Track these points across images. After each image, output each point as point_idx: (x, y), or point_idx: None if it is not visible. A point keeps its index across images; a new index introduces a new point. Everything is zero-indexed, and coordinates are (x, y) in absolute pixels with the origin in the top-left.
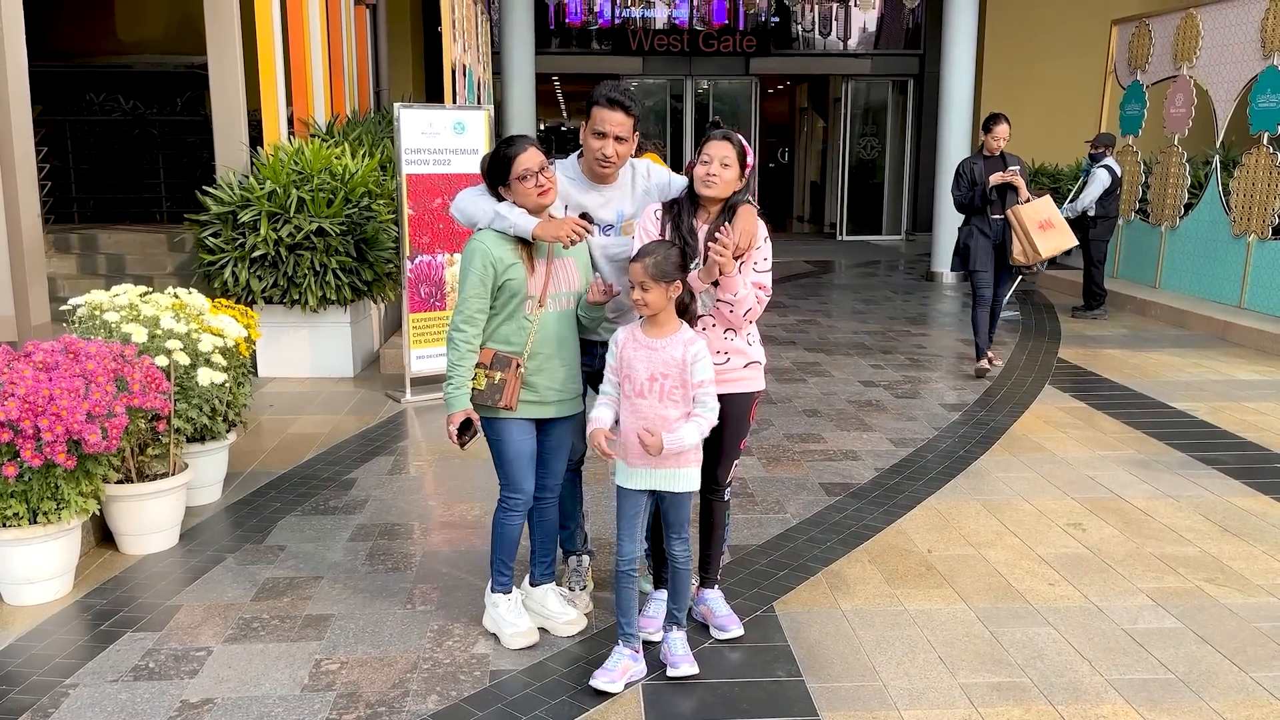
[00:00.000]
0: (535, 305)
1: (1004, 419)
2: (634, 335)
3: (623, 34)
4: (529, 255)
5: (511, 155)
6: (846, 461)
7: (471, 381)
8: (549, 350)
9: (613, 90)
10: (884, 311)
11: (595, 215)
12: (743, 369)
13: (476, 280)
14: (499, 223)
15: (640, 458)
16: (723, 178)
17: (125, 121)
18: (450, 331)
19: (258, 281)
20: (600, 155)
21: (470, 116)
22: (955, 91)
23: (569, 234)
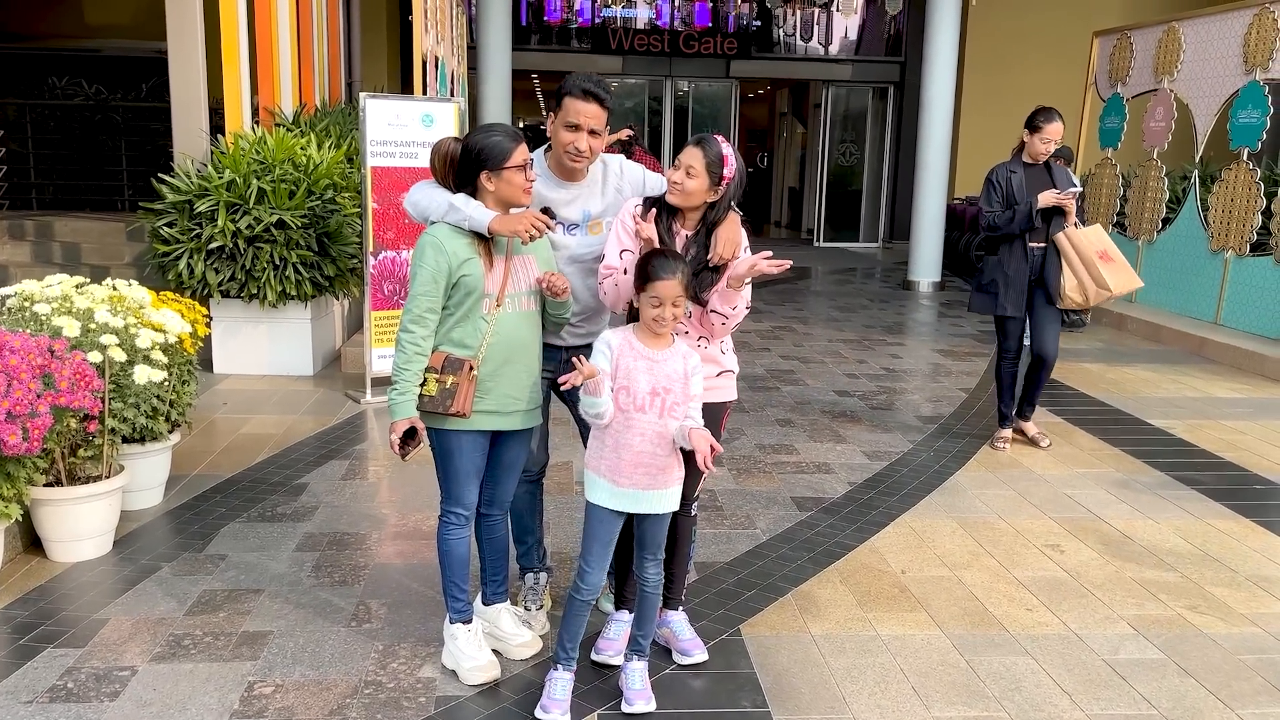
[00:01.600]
0: (493, 305)
1: (980, 433)
2: (631, 344)
3: (603, 33)
4: (486, 251)
5: (510, 146)
6: (819, 474)
7: (420, 387)
8: (506, 354)
9: (586, 80)
10: (860, 319)
11: (559, 213)
12: (715, 378)
13: (428, 277)
14: (453, 215)
15: (632, 475)
16: (685, 187)
17: (88, 107)
18: (399, 333)
19: (214, 275)
20: (573, 149)
21: (439, 109)
22: (936, 100)
23: (527, 228)
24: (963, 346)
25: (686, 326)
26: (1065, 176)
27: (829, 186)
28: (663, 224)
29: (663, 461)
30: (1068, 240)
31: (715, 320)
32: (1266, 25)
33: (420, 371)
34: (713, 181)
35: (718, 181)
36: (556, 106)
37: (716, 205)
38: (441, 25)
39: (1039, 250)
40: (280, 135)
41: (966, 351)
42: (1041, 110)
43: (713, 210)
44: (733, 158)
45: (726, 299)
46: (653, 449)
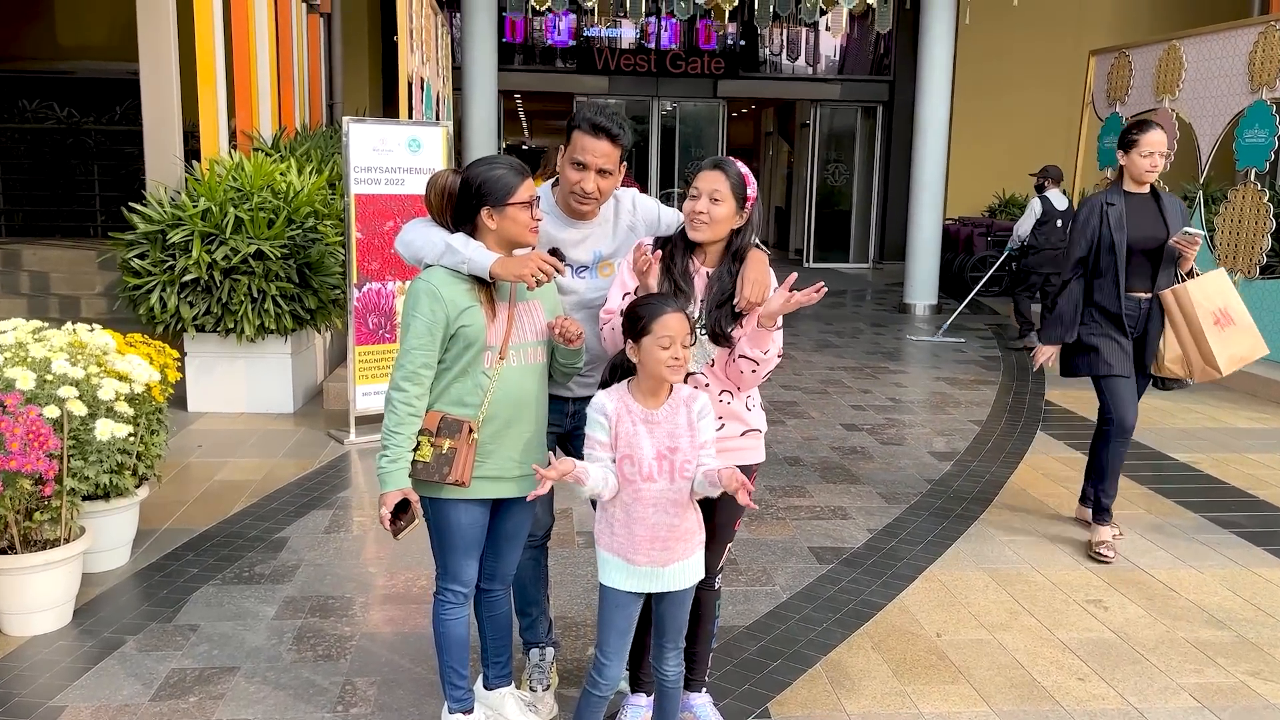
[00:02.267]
0: (495, 358)
1: (999, 471)
2: (628, 407)
3: (588, 52)
4: (488, 298)
5: (515, 180)
6: (836, 520)
7: (414, 452)
8: (510, 413)
9: (597, 114)
10: (859, 345)
11: (567, 254)
12: (739, 438)
13: (423, 328)
14: (450, 257)
15: (648, 551)
16: (713, 215)
17: (59, 130)
18: (389, 391)
19: (188, 308)
20: (579, 191)
21: (426, 133)
22: (930, 118)
23: (534, 272)
24: (968, 374)
25: (708, 378)
26: (1177, 210)
27: (817, 206)
28: (677, 264)
29: (681, 530)
30: (1174, 300)
31: (744, 367)
32: (1273, 43)
33: (413, 435)
34: (738, 205)
35: (743, 204)
36: (565, 140)
37: (742, 231)
38: (427, 46)
39: (1145, 301)
40: (259, 161)
41: (972, 380)
42: (1136, 122)
43: (738, 237)
44: (750, 176)
45: (757, 341)
46: (669, 519)
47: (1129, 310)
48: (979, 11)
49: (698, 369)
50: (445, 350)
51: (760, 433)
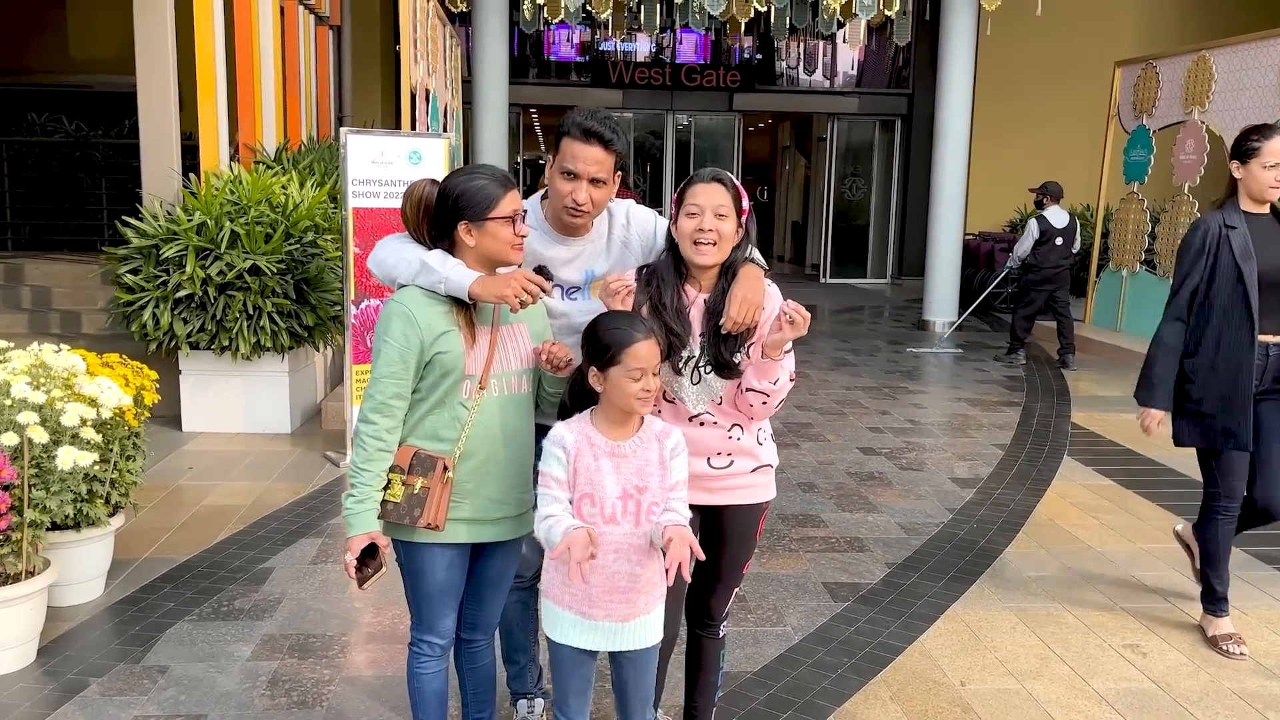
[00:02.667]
0: (474, 388)
1: (1025, 499)
2: (590, 440)
3: (602, 65)
4: (467, 321)
5: (497, 192)
6: (852, 553)
7: (384, 491)
8: (491, 448)
9: (589, 118)
10: (877, 364)
11: (556, 273)
12: (750, 474)
13: (395, 355)
14: (426, 277)
15: (606, 604)
16: (722, 234)
17: (66, 144)
18: (358, 423)
19: (182, 325)
20: (570, 203)
21: (427, 145)
22: (951, 131)
23: (518, 293)
24: (990, 395)
25: (715, 415)
26: None
27: (834, 221)
28: (667, 301)
29: (644, 581)
30: None
31: (753, 400)
32: None
33: (383, 472)
34: (737, 219)
35: (739, 219)
36: (554, 149)
37: (739, 247)
38: (433, 57)
39: (1274, 348)
40: (258, 173)
41: (995, 400)
42: (1254, 128)
43: (735, 252)
44: (742, 189)
45: (763, 371)
46: (630, 568)
47: (1257, 359)
48: (1000, 22)
49: (702, 409)
50: (420, 379)
51: (772, 468)
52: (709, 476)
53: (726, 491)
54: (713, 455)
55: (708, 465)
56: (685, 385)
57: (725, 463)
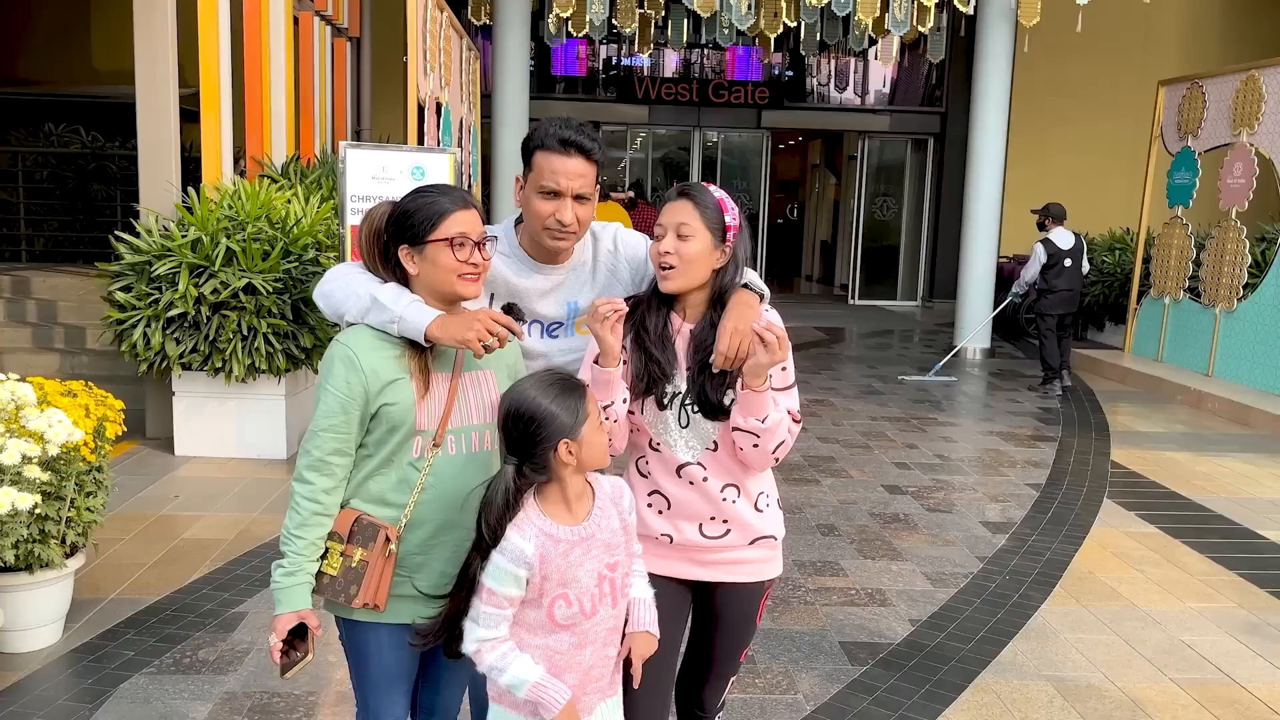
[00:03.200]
0: (427, 445)
1: (1061, 548)
2: (550, 537)
3: (629, 81)
4: (421, 367)
5: (441, 210)
6: (873, 607)
7: (320, 562)
8: (445, 515)
9: (565, 127)
10: (905, 393)
11: (532, 308)
12: (747, 547)
13: (335, 405)
14: (377, 315)
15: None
16: (683, 255)
17: (82, 155)
18: (292, 483)
19: (174, 345)
20: (554, 224)
21: (431, 160)
22: (985, 152)
23: (481, 336)
24: (1024, 428)
25: (708, 468)
26: None
27: (864, 241)
28: (651, 327)
29: (615, 660)
30: None
31: (742, 443)
32: None
33: (320, 540)
34: (717, 239)
35: (723, 237)
36: (525, 166)
37: (724, 271)
38: (447, 68)
39: None
40: (258, 187)
41: (1029, 434)
42: None
43: (720, 278)
44: (729, 199)
45: (749, 406)
46: (606, 652)
47: None
48: (1037, 40)
49: (692, 457)
50: (366, 432)
51: (776, 540)
52: (700, 547)
53: (720, 566)
54: (704, 521)
55: (699, 534)
56: (672, 427)
57: (719, 531)
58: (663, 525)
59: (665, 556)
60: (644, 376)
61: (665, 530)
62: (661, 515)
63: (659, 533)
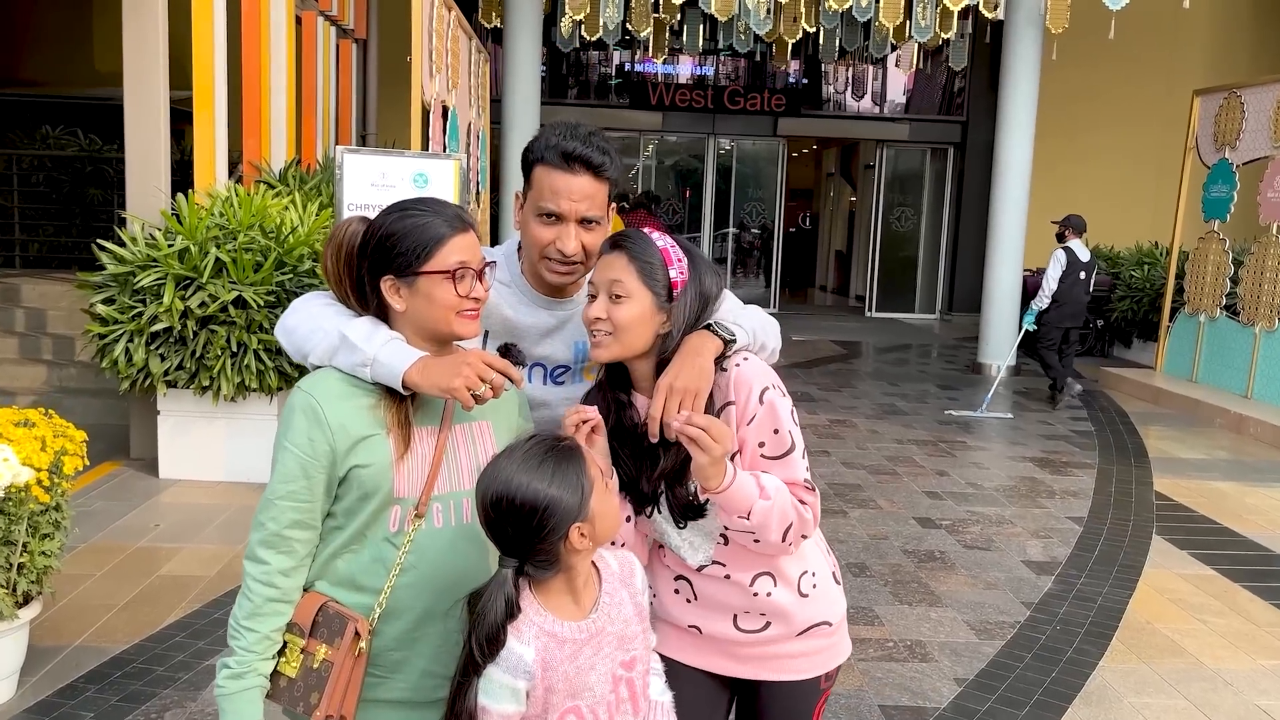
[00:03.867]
0: (408, 516)
1: (1114, 593)
2: (554, 637)
3: (642, 87)
4: (400, 421)
5: (437, 235)
6: (914, 663)
7: (277, 657)
8: (429, 602)
9: (568, 136)
10: (929, 413)
11: (536, 348)
12: (795, 639)
13: (295, 468)
14: (346, 356)
15: None
16: (617, 321)
17: (79, 158)
18: (244, 561)
19: (159, 362)
20: (555, 254)
21: (434, 166)
22: (1011, 161)
23: (471, 383)
24: (1059, 452)
25: (729, 565)
26: None
27: (882, 252)
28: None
29: None
30: None
31: (743, 541)
32: None
33: (276, 634)
34: (659, 299)
35: (668, 295)
36: (526, 183)
37: (668, 337)
38: (454, 71)
39: None
40: (253, 194)
41: (1065, 460)
42: None
43: (666, 342)
44: (676, 249)
45: (724, 505)
46: None
47: None
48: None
49: (705, 559)
50: (334, 499)
51: (831, 626)
52: (737, 642)
53: (762, 662)
54: (739, 614)
55: (734, 628)
56: (668, 532)
57: (756, 625)
58: (690, 616)
59: (695, 648)
60: (627, 492)
61: (693, 622)
62: (689, 605)
63: (686, 624)
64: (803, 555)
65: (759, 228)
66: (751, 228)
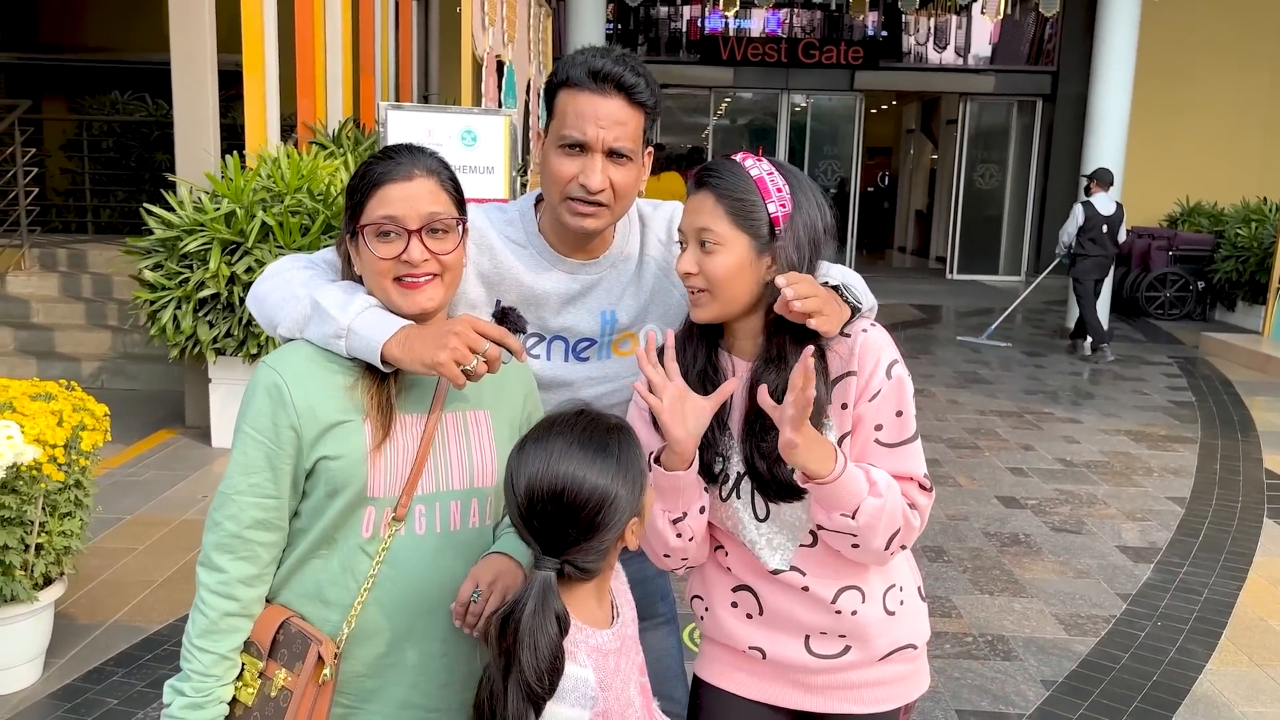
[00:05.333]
0: (384, 520)
1: (1221, 584)
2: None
3: (713, 41)
4: (380, 404)
5: (373, 180)
6: (996, 662)
7: (236, 685)
8: (408, 623)
9: (600, 56)
10: (1015, 382)
11: (554, 317)
12: (876, 665)
13: (257, 456)
14: (318, 326)
15: None
16: (711, 275)
17: (146, 123)
18: (197, 567)
19: (207, 329)
20: (578, 192)
21: (484, 123)
22: (1108, 113)
23: (459, 356)
24: (1156, 425)
25: (809, 571)
26: None
27: (964, 211)
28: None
29: None
30: None
31: (837, 544)
32: None
33: (234, 653)
34: (758, 241)
35: (769, 235)
36: (547, 109)
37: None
38: (510, 24)
39: None
40: (309, 155)
41: (1163, 434)
42: None
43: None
44: (774, 175)
45: (825, 500)
46: None
47: None
48: None
49: (783, 562)
50: (301, 498)
51: (916, 649)
52: (808, 669)
53: (833, 691)
54: (813, 635)
55: (806, 652)
56: (746, 523)
57: (834, 649)
58: (752, 636)
59: (755, 675)
60: None
61: (755, 644)
62: (751, 621)
63: (746, 646)
64: (889, 566)
65: (835, 187)
66: (827, 188)
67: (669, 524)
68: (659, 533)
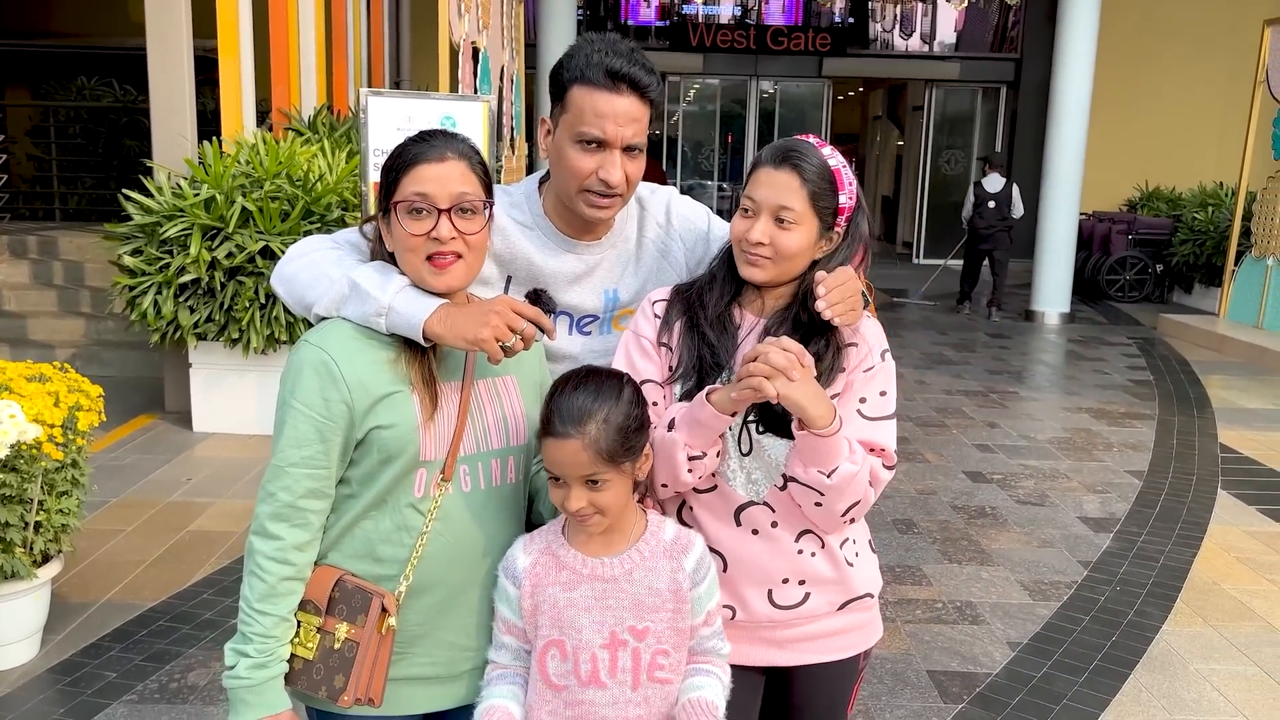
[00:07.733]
0: (436, 480)
1: (1177, 551)
2: (556, 559)
3: (682, 28)
4: (424, 377)
5: (407, 160)
6: (964, 625)
7: (291, 642)
8: (461, 574)
9: (614, 53)
10: (981, 362)
11: (562, 295)
12: (835, 614)
13: (308, 430)
14: (357, 305)
15: None
16: (780, 249)
17: (114, 109)
18: (250, 537)
19: (187, 314)
20: (597, 186)
21: (463, 109)
22: (1069, 100)
23: (499, 334)
24: (1116, 403)
25: (776, 510)
26: None
27: (930, 197)
28: (712, 296)
29: None
30: None
31: (800, 498)
32: None
33: (290, 615)
34: (823, 226)
35: (832, 220)
36: (556, 104)
37: (831, 258)
38: (484, 10)
39: None
40: (286, 141)
41: (1122, 411)
42: None
43: (816, 268)
44: (847, 169)
45: (812, 455)
46: None
47: None
48: None
49: (755, 495)
50: (350, 465)
51: (873, 598)
52: (771, 623)
53: (798, 644)
54: (775, 586)
55: (769, 603)
56: (730, 453)
57: (795, 597)
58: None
59: (730, 638)
60: (695, 366)
61: (725, 601)
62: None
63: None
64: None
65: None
66: None
67: (687, 459)
68: (675, 463)
